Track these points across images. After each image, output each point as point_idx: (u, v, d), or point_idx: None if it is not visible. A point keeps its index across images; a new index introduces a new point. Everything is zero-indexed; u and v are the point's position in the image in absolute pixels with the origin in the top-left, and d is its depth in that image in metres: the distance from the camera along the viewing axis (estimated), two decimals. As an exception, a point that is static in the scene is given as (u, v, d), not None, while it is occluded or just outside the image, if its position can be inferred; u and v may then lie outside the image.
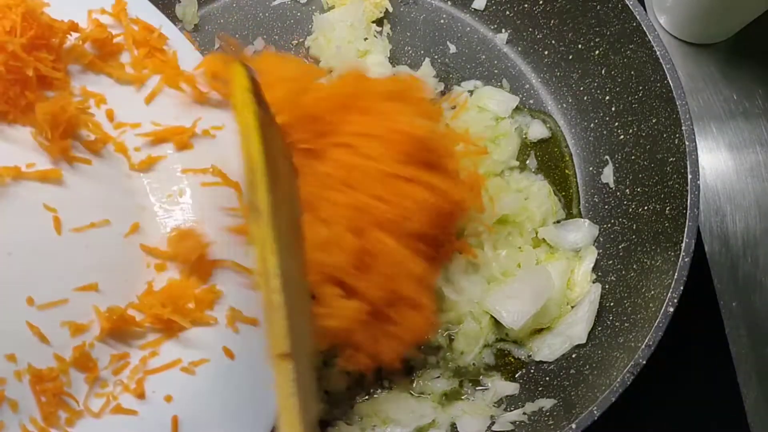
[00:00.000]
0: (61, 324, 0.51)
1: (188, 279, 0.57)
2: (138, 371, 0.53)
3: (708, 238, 0.93)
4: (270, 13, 0.97)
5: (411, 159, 0.71)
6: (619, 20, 0.82)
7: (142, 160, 0.60)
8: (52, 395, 0.50)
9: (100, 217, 0.55)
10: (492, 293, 0.78)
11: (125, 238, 0.56)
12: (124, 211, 0.57)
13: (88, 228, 0.54)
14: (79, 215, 0.54)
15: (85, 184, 0.56)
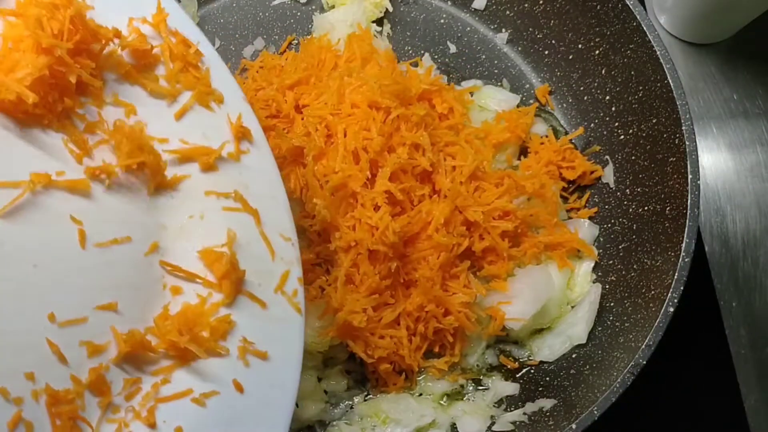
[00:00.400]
0: (80, 344, 0.50)
1: (204, 305, 0.55)
2: (150, 398, 0.52)
3: (708, 238, 0.93)
4: (270, 13, 0.97)
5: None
6: (620, 20, 0.82)
7: (167, 178, 0.58)
8: (67, 419, 0.48)
9: (123, 234, 0.54)
10: (492, 293, 0.78)
11: (145, 257, 0.55)
12: (146, 228, 0.56)
13: (111, 244, 0.53)
14: (103, 230, 0.53)
15: (111, 197, 0.55)
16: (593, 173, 0.87)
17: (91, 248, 0.52)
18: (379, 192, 0.72)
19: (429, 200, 0.75)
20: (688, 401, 0.84)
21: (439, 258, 0.73)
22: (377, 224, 0.71)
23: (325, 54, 0.85)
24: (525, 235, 0.81)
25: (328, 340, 0.73)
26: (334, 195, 0.72)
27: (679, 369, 0.84)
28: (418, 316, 0.74)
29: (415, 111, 0.77)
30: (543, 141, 0.88)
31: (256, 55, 0.93)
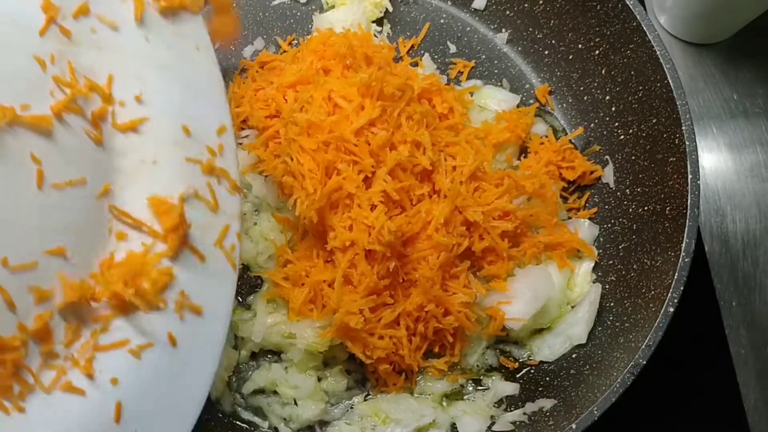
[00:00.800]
0: (29, 289, 0.49)
1: (147, 255, 0.55)
2: (88, 347, 0.52)
3: (708, 238, 0.93)
4: (270, 13, 0.97)
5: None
6: (619, 20, 0.82)
7: (125, 122, 0.57)
8: (11, 366, 0.48)
9: (79, 175, 0.53)
10: (492, 293, 0.78)
11: (97, 200, 0.54)
12: (100, 170, 0.55)
13: (67, 185, 0.52)
14: (60, 170, 0.52)
15: (71, 136, 0.53)
16: (593, 173, 0.87)
17: (48, 189, 0.51)
18: (376, 192, 0.72)
19: (428, 200, 0.75)
20: (688, 401, 0.84)
21: (438, 258, 0.73)
22: (373, 224, 0.71)
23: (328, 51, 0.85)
24: (525, 235, 0.81)
25: (327, 340, 0.73)
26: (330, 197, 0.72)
27: (679, 369, 0.84)
28: (418, 316, 0.74)
29: (416, 108, 0.76)
30: (543, 141, 0.88)
31: (256, 54, 0.93)
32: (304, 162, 0.72)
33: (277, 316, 0.77)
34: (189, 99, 0.61)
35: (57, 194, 0.52)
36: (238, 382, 0.78)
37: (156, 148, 0.58)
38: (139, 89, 0.58)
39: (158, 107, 0.59)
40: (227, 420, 0.76)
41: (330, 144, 0.72)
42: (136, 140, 0.57)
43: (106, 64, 0.57)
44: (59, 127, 0.53)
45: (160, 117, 0.59)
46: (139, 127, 0.57)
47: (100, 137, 0.55)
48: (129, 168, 0.57)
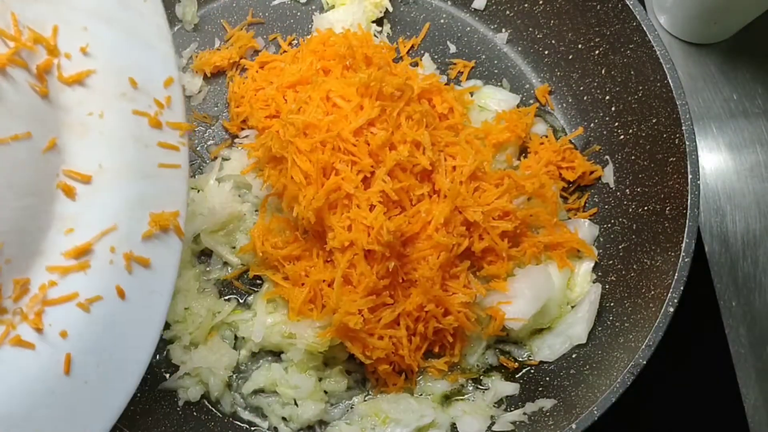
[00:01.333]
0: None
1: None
2: (37, 301, 0.52)
3: (708, 238, 0.93)
4: (270, 13, 0.97)
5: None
6: (619, 20, 0.82)
7: (71, 75, 0.56)
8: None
9: (24, 129, 0.52)
10: (492, 293, 0.78)
11: (43, 155, 0.54)
12: (46, 124, 0.55)
13: (11, 140, 0.52)
14: (4, 125, 0.52)
15: (15, 90, 0.53)
16: (593, 173, 0.87)
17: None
18: (375, 192, 0.72)
19: (428, 200, 0.76)
20: (688, 401, 0.84)
21: (438, 258, 0.73)
22: (372, 224, 0.71)
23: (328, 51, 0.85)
24: (525, 235, 0.81)
25: (327, 340, 0.73)
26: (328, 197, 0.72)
27: (679, 369, 0.84)
28: (418, 316, 0.74)
29: (416, 108, 0.77)
30: (543, 141, 0.88)
31: (256, 54, 0.93)
32: (300, 163, 0.72)
33: (277, 316, 0.77)
34: (136, 51, 0.60)
35: (2, 149, 0.51)
36: (238, 382, 0.78)
37: (103, 101, 0.58)
38: (85, 41, 0.57)
39: (104, 59, 0.58)
40: (227, 420, 0.76)
41: (327, 144, 0.72)
42: (83, 93, 0.57)
43: (51, 15, 0.56)
44: (2, 82, 0.52)
45: (106, 69, 0.58)
46: (86, 80, 0.57)
47: (46, 90, 0.55)
48: (76, 122, 0.56)
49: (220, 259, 0.82)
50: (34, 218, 0.54)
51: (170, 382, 0.76)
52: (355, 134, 0.73)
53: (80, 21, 0.57)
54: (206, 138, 0.90)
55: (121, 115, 0.58)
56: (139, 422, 0.69)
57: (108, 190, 0.57)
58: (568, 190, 0.88)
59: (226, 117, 0.91)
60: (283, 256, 0.77)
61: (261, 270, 0.80)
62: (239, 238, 0.82)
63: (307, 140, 0.73)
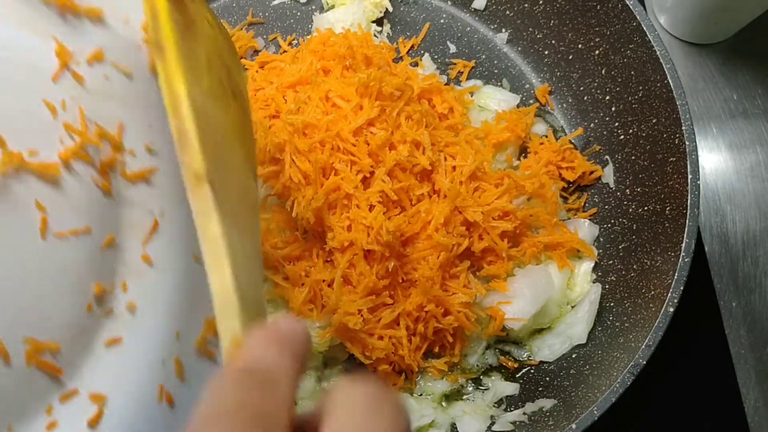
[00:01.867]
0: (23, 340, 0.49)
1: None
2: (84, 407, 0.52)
3: (708, 238, 0.93)
4: (270, 13, 0.97)
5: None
6: (619, 20, 0.82)
7: (135, 172, 0.56)
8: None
9: (83, 224, 0.52)
10: (492, 293, 0.78)
11: (101, 251, 0.53)
12: (106, 220, 0.54)
13: (70, 234, 0.51)
14: (64, 219, 0.51)
15: (79, 185, 0.52)
16: (593, 173, 0.87)
17: (51, 238, 0.50)
18: (374, 192, 0.72)
19: (428, 200, 0.76)
20: (688, 401, 0.84)
21: (438, 258, 0.73)
22: (371, 224, 0.71)
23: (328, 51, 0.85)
24: (525, 235, 0.81)
25: (327, 340, 0.73)
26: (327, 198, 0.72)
27: (679, 369, 0.84)
28: (418, 316, 0.74)
29: (416, 108, 0.77)
30: (543, 141, 0.88)
31: (256, 54, 0.93)
32: (299, 163, 0.72)
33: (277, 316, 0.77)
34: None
35: (60, 243, 0.51)
36: (238, 382, 0.78)
37: (164, 200, 0.57)
38: (150, 139, 0.57)
39: (169, 158, 0.57)
40: (227, 420, 0.76)
41: (326, 144, 0.72)
42: (145, 191, 0.57)
43: (117, 112, 0.56)
44: (66, 175, 0.52)
45: (170, 168, 0.57)
46: (149, 178, 0.57)
47: (109, 186, 0.55)
48: (136, 220, 0.56)
49: (220, 259, 0.82)
50: (88, 317, 0.53)
51: (170, 382, 0.76)
52: (355, 134, 0.73)
53: (146, 118, 0.57)
54: (206, 138, 0.90)
55: (183, 215, 0.57)
56: (138, 422, 0.69)
57: (164, 290, 0.56)
58: (568, 190, 0.88)
59: (226, 117, 0.91)
60: (283, 256, 0.77)
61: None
62: (239, 238, 0.82)
63: (305, 140, 0.73)
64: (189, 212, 0.56)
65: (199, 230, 0.42)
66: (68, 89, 0.53)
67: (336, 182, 0.72)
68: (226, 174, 0.48)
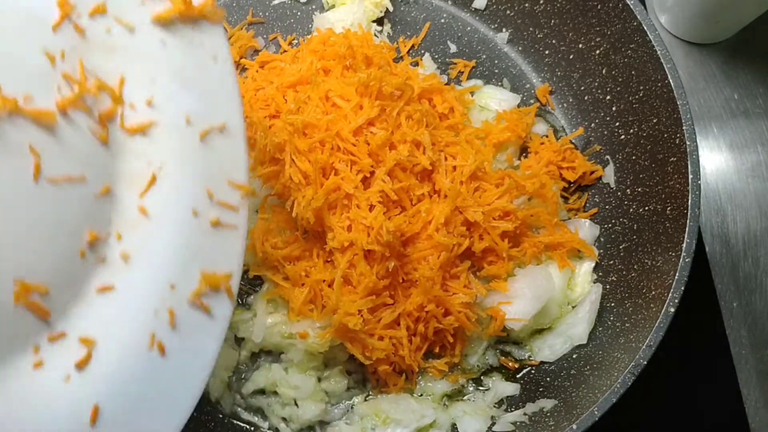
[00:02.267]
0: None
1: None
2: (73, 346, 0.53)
3: (709, 238, 0.93)
4: (270, 13, 0.97)
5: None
6: (620, 20, 0.82)
7: (134, 125, 0.56)
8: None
9: (78, 172, 0.52)
10: (492, 293, 0.77)
11: (95, 200, 0.54)
12: (103, 172, 0.54)
13: (64, 181, 0.52)
14: (59, 166, 0.51)
15: (75, 133, 0.53)
16: (594, 173, 0.87)
17: (44, 183, 0.51)
18: (374, 192, 0.72)
19: (429, 200, 0.75)
20: (688, 401, 0.84)
21: (439, 258, 0.73)
22: (372, 224, 0.71)
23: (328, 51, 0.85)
24: (525, 235, 0.81)
25: (327, 340, 0.73)
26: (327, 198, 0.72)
27: (679, 369, 0.84)
28: (418, 317, 0.74)
29: (416, 107, 0.76)
30: (543, 141, 0.88)
31: (256, 54, 0.93)
32: (299, 163, 0.72)
33: (277, 316, 0.77)
34: (201, 108, 0.60)
35: (53, 189, 0.51)
36: (238, 383, 0.78)
37: (164, 154, 0.57)
38: (151, 93, 0.57)
39: (169, 113, 0.58)
40: (227, 420, 0.76)
41: (326, 143, 0.72)
42: (145, 144, 0.57)
43: (119, 65, 0.56)
44: (63, 123, 0.52)
45: (170, 123, 0.58)
46: (148, 132, 0.57)
47: (106, 137, 0.55)
48: (134, 172, 0.56)
49: (220, 259, 0.82)
50: (80, 263, 0.53)
51: (170, 382, 0.76)
52: (355, 134, 0.73)
53: (148, 72, 0.57)
54: (206, 138, 0.90)
55: (182, 170, 0.57)
56: (138, 422, 0.69)
57: (159, 241, 0.56)
58: (569, 190, 0.87)
59: (226, 117, 0.91)
60: (283, 257, 0.77)
61: (261, 270, 0.79)
62: (239, 238, 0.82)
63: (305, 140, 0.73)
64: (189, 167, 0.57)
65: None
66: (68, 40, 0.53)
67: (336, 182, 0.72)
68: None
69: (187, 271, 0.57)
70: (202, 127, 0.59)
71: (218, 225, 0.59)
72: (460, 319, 0.75)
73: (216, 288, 0.58)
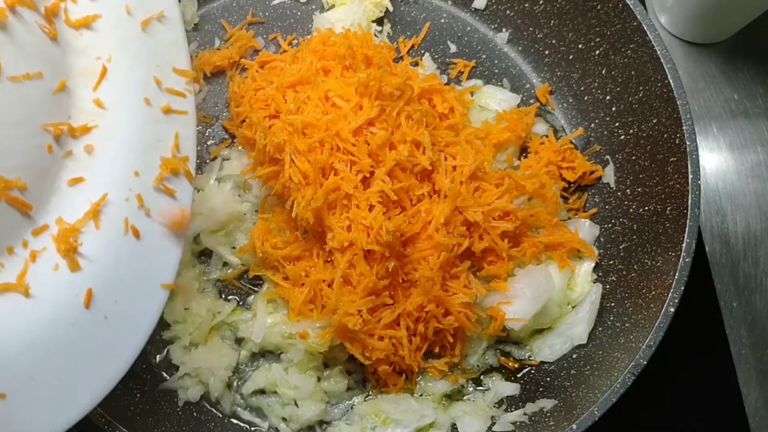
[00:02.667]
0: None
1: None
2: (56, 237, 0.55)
3: (709, 238, 0.93)
4: (270, 13, 0.97)
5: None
6: (620, 20, 0.82)
7: (78, 18, 0.57)
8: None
9: (35, 69, 0.54)
10: (492, 293, 0.78)
11: (53, 96, 0.55)
12: (57, 67, 0.56)
13: (23, 78, 0.53)
14: (17, 64, 0.53)
15: (26, 30, 0.54)
16: (593, 173, 0.87)
17: (5, 81, 0.52)
18: (374, 192, 0.72)
19: (429, 200, 0.75)
20: (688, 401, 0.84)
21: (439, 258, 0.73)
22: (371, 224, 0.71)
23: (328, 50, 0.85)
24: (525, 235, 0.81)
25: (327, 340, 0.73)
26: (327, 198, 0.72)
27: (679, 369, 0.84)
28: (418, 317, 0.74)
29: (416, 107, 0.76)
30: (543, 141, 0.88)
31: (256, 54, 0.93)
32: (299, 164, 0.72)
33: (277, 316, 0.77)
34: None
35: (14, 87, 0.53)
36: (238, 383, 0.78)
37: (111, 46, 0.59)
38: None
39: (110, 3, 0.59)
40: (227, 420, 0.76)
41: (325, 143, 0.72)
42: (91, 38, 0.59)
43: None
44: (13, 20, 0.53)
45: (112, 14, 0.59)
46: (93, 24, 0.58)
47: (55, 32, 0.56)
48: (86, 66, 0.58)
49: (220, 259, 0.82)
50: (49, 157, 0.55)
51: (170, 382, 0.76)
52: (355, 134, 0.73)
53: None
54: (206, 138, 0.90)
55: (129, 60, 0.59)
56: (139, 423, 0.69)
57: (118, 131, 0.58)
58: (569, 190, 0.87)
59: (226, 117, 0.91)
60: (283, 257, 0.77)
61: (261, 270, 0.80)
62: (239, 238, 0.82)
63: (305, 140, 0.73)
64: (135, 57, 0.59)
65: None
66: None
67: (336, 182, 0.72)
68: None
69: (148, 158, 0.59)
70: (142, 16, 0.61)
71: (169, 111, 0.61)
72: (460, 319, 0.75)
73: (176, 172, 0.61)
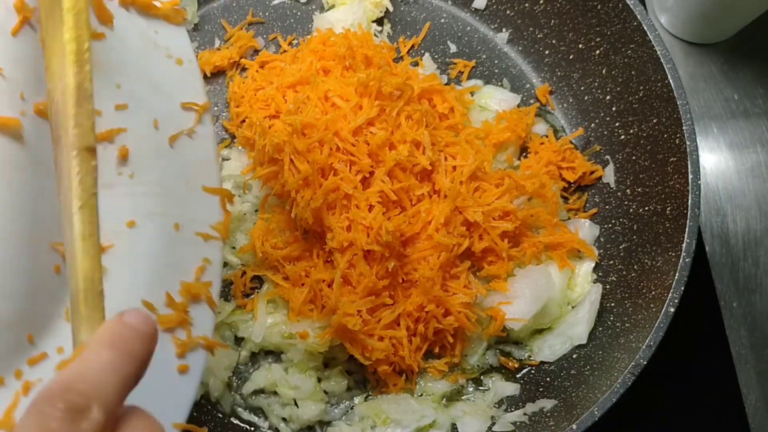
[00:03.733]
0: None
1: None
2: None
3: (709, 238, 0.93)
4: (270, 13, 0.97)
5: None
6: (620, 20, 0.82)
7: (101, 132, 0.55)
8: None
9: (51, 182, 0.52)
10: (492, 293, 0.77)
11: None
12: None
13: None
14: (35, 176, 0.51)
15: (43, 142, 0.52)
16: (594, 173, 0.87)
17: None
18: (373, 192, 0.72)
19: (428, 200, 0.75)
20: (688, 402, 0.84)
21: (439, 258, 0.73)
22: (371, 224, 0.71)
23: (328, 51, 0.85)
24: (525, 235, 0.81)
25: (327, 340, 0.73)
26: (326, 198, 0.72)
27: (679, 369, 0.84)
28: (418, 317, 0.74)
29: (416, 107, 0.77)
30: (543, 141, 0.88)
31: (256, 54, 0.93)
32: (298, 164, 0.72)
33: (277, 316, 0.77)
34: (164, 102, 0.61)
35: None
36: (238, 383, 0.78)
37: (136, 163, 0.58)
38: (121, 100, 0.58)
39: (139, 116, 0.59)
40: (227, 420, 0.76)
41: (325, 143, 0.72)
42: (113, 151, 0.57)
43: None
44: (29, 128, 0.52)
45: (140, 129, 0.58)
46: (116, 137, 0.57)
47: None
48: (106, 179, 0.55)
49: (220, 259, 0.82)
50: (56, 279, 0.53)
51: (170, 382, 0.76)
52: (354, 134, 0.73)
53: (114, 79, 0.58)
54: (206, 138, 0.90)
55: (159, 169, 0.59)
56: (138, 423, 0.69)
57: (136, 252, 0.56)
58: (569, 190, 0.87)
59: (226, 117, 0.91)
60: (283, 257, 0.77)
61: (261, 270, 0.79)
62: (239, 238, 0.82)
63: (304, 140, 0.73)
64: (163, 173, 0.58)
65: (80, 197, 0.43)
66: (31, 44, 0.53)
67: (335, 182, 0.72)
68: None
69: (167, 281, 0.57)
70: (172, 131, 0.60)
71: (199, 235, 0.60)
72: (460, 319, 0.74)
73: (197, 299, 0.59)
